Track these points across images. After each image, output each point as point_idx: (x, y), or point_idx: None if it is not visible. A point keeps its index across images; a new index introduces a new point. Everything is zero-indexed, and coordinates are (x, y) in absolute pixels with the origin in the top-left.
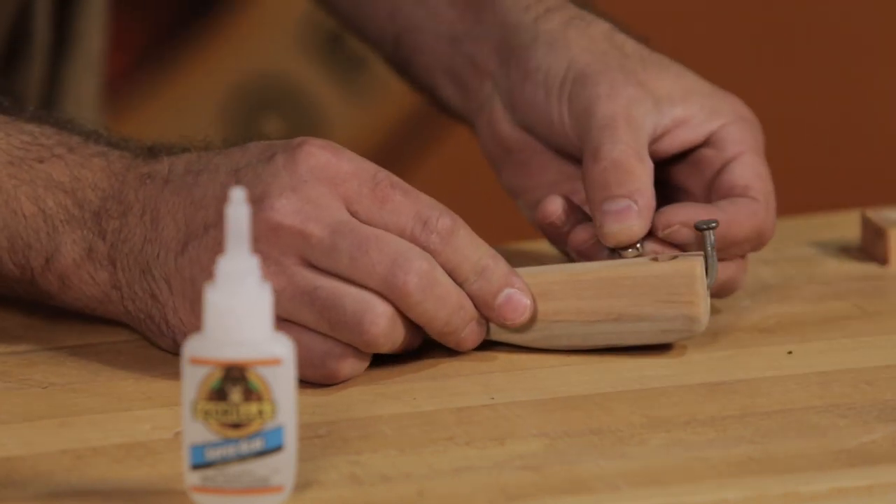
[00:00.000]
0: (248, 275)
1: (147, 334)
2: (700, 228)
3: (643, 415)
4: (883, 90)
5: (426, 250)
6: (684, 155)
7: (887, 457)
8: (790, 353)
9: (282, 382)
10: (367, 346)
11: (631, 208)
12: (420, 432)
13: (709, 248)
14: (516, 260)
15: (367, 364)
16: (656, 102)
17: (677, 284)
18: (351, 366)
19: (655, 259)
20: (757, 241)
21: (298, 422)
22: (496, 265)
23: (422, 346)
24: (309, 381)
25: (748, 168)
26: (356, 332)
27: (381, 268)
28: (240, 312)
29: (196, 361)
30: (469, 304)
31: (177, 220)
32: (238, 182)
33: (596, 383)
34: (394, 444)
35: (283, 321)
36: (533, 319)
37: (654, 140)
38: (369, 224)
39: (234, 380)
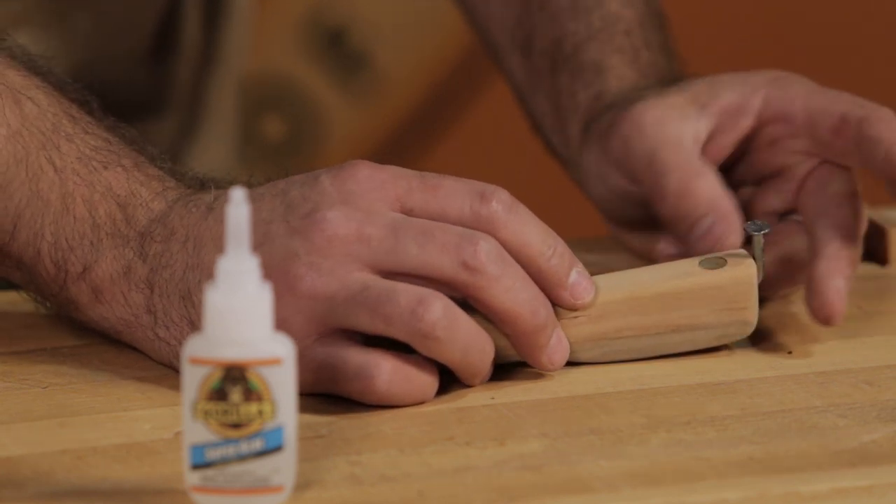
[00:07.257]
0: (247, 275)
1: (174, 361)
2: (751, 232)
3: (643, 415)
4: (883, 90)
5: (490, 221)
6: (755, 150)
7: (887, 457)
8: (790, 353)
9: (282, 382)
10: (425, 340)
11: (711, 225)
12: (420, 432)
13: (759, 251)
14: None
15: (421, 381)
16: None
17: (736, 293)
18: (389, 378)
19: (706, 263)
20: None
21: (298, 422)
22: (564, 244)
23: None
24: (351, 398)
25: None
26: (411, 322)
27: (450, 247)
28: (240, 312)
29: (196, 361)
30: (548, 303)
31: (220, 245)
32: (286, 205)
33: (596, 383)
34: (394, 444)
35: (328, 336)
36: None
37: (708, 140)
38: (427, 214)
39: (234, 380)
